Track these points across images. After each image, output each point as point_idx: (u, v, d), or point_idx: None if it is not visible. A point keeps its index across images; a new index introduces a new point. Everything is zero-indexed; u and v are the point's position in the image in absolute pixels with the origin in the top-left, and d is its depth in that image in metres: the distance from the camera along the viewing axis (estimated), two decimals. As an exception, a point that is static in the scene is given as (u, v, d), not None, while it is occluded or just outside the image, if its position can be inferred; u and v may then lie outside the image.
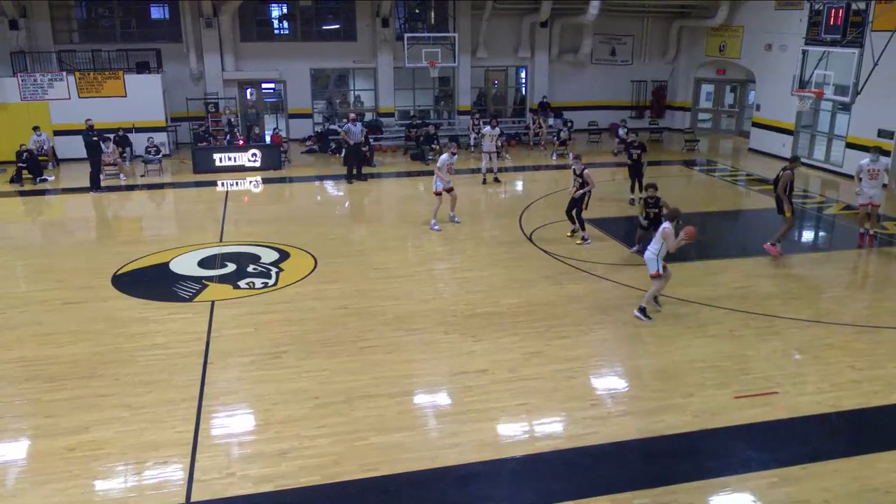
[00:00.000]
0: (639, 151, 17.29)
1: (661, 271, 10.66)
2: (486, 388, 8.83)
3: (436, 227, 15.44)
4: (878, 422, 8.26)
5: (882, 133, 19.39)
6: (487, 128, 19.66)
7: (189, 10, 23.87)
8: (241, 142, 22.28)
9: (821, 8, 16.11)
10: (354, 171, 20.27)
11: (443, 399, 8.74)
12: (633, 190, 17.58)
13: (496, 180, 19.97)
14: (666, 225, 10.63)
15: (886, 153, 14.37)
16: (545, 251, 13.98)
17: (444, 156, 15.43)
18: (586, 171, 14.17)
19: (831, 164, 21.29)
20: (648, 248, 10.88)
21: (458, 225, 15.80)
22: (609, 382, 9.17)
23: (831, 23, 15.62)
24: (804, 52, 16.95)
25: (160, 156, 21.33)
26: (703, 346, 9.98)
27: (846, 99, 16.24)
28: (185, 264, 13.31)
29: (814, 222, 16.17)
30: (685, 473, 7.24)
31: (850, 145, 20.60)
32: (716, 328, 10.56)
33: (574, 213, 14.48)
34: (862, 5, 15.60)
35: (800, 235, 15.56)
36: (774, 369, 9.33)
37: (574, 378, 9.11)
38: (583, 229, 14.50)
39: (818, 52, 16.48)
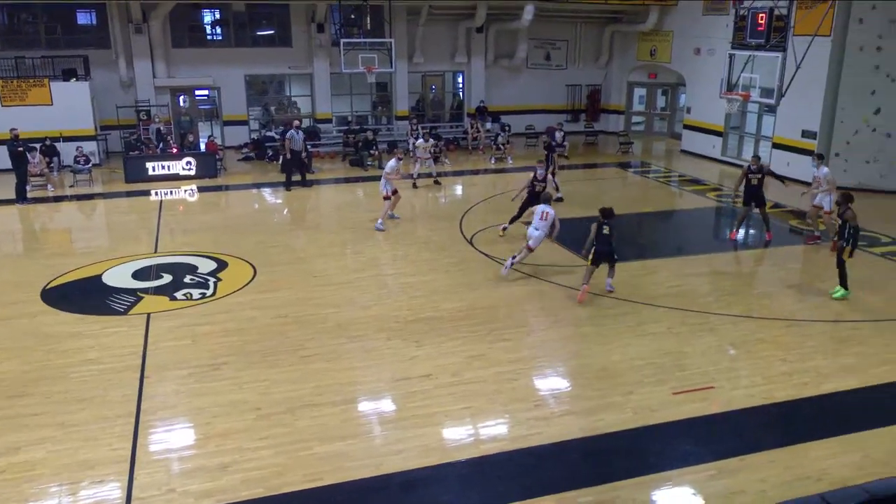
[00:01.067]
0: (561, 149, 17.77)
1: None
2: (429, 392, 8.83)
3: (380, 227, 15.63)
4: (808, 412, 8.56)
5: (805, 133, 20.17)
6: (420, 140, 19.88)
7: (118, 15, 23.24)
8: (174, 150, 21.78)
9: (745, 13, 16.65)
10: (298, 178, 20.07)
11: (386, 405, 8.70)
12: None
13: (436, 183, 20.06)
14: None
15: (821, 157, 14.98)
16: (486, 254, 14.07)
17: (392, 161, 15.88)
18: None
19: (759, 163, 21.99)
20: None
21: (399, 230, 15.79)
22: (551, 383, 9.28)
23: (757, 28, 16.14)
24: (731, 56, 17.50)
25: (90, 165, 20.69)
26: (642, 344, 10.19)
27: (771, 101, 16.83)
28: (118, 276, 12.94)
29: (745, 220, 16.64)
30: (627, 470, 7.37)
31: (776, 145, 21.38)
32: (654, 326, 10.79)
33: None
34: (784, 10, 16.20)
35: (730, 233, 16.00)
36: (710, 365, 9.59)
37: (516, 380, 9.18)
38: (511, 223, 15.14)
39: (744, 56, 17.04)
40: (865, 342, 10.29)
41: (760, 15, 16.01)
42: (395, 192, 15.98)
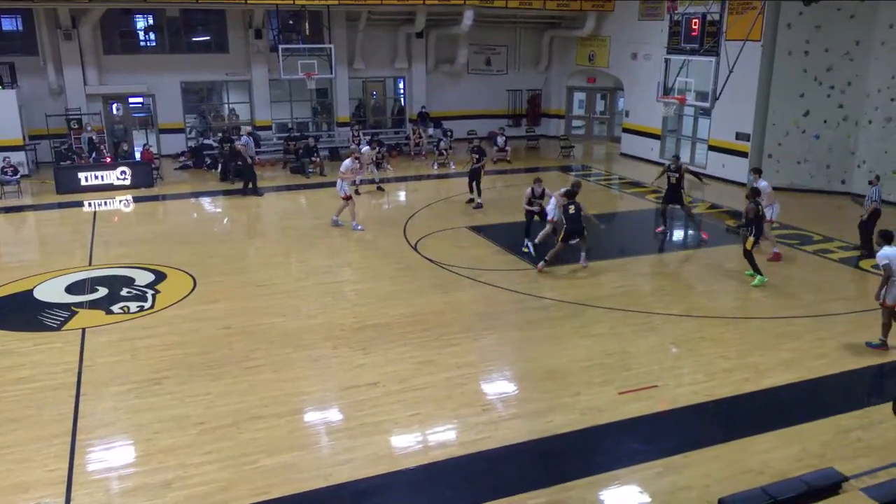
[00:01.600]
0: (477, 156, 17.97)
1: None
2: (377, 400, 8.76)
3: (357, 227, 15.89)
4: (749, 407, 8.78)
5: (739, 136, 20.76)
6: (366, 148, 19.79)
7: (45, 20, 22.45)
8: (108, 159, 21.15)
9: (679, 19, 17.05)
10: (250, 186, 19.76)
11: (334, 415, 8.59)
12: (471, 191, 18.38)
13: (379, 189, 19.99)
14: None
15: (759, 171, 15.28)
16: (431, 260, 14.05)
17: (348, 161, 16.14)
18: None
19: (696, 165, 22.48)
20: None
21: (344, 237, 15.62)
22: (499, 387, 9.31)
23: (691, 33, 16.55)
24: (666, 61, 17.90)
25: (18, 176, 19.93)
26: (587, 345, 10.31)
27: (706, 104, 17.25)
28: (51, 291, 12.49)
29: (682, 221, 17.06)
30: (577, 470, 7.43)
31: (711, 147, 21.95)
32: (598, 327, 10.94)
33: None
34: (717, 16, 16.65)
35: (670, 235, 16.36)
36: (654, 363, 9.76)
37: (465, 385, 9.18)
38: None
39: (679, 61, 17.44)
40: (801, 337, 10.63)
41: (694, 20, 16.42)
42: (349, 196, 15.98)
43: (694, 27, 16.40)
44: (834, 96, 19.27)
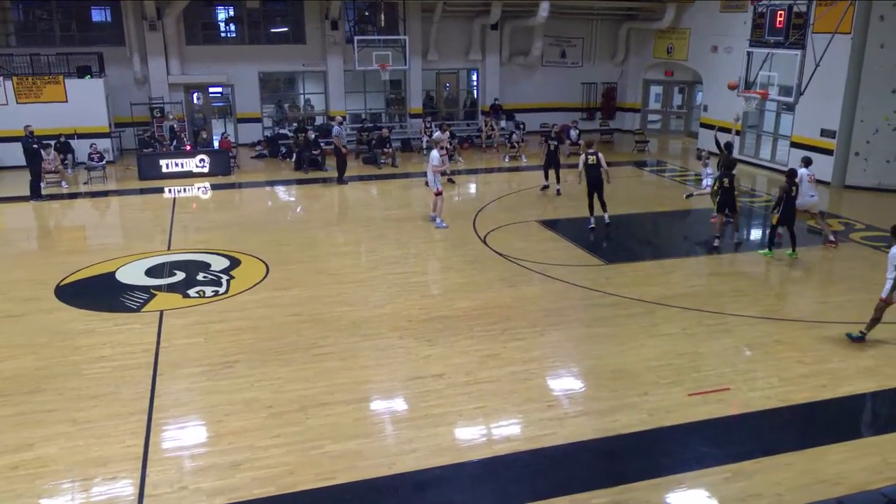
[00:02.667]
0: (555, 143, 18.10)
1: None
2: (442, 392, 8.77)
3: (441, 224, 15.70)
4: (825, 415, 8.45)
5: (825, 132, 19.94)
6: (437, 133, 19.75)
7: (132, 12, 23.31)
8: (188, 147, 21.83)
9: (764, 10, 16.47)
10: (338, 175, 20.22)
11: (399, 405, 8.64)
12: (546, 178, 18.53)
13: (450, 181, 19.96)
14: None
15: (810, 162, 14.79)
16: (499, 253, 14.00)
17: (435, 152, 15.80)
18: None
19: (777, 163, 21.79)
20: None
21: (414, 229, 15.71)
22: (565, 383, 9.20)
23: (776, 25, 15.97)
24: (749, 54, 17.31)
25: (104, 162, 20.79)
26: (657, 344, 10.09)
27: (790, 99, 16.63)
28: (131, 274, 12.96)
29: (760, 220, 16.51)
30: (641, 471, 7.29)
31: (794, 145, 21.13)
32: (668, 327, 10.69)
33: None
34: (804, 8, 16.01)
35: (748, 234, 15.85)
36: (726, 366, 9.48)
37: (530, 380, 9.11)
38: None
39: (762, 54, 16.84)
40: (884, 344, 10.14)
41: (779, 12, 15.82)
42: (441, 191, 15.75)
43: (779, 19, 15.81)
44: (928, 92, 18.29)
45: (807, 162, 14.77)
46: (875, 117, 19.01)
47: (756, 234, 16.18)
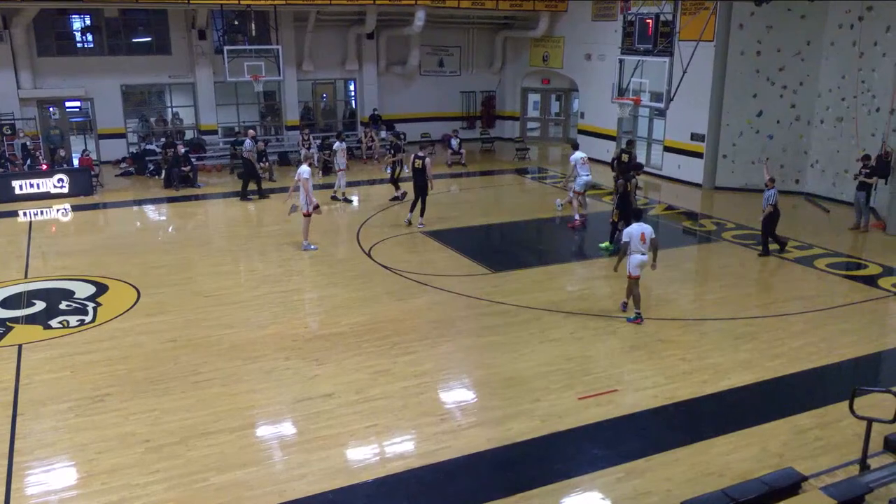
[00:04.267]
0: (393, 151, 18.54)
1: None
2: (332, 412, 8.51)
3: (310, 247, 14.83)
4: (709, 409, 8.77)
5: (695, 136, 20.93)
6: (337, 143, 19.29)
7: (-25, 22, 21.53)
8: (44, 166, 20.35)
9: (633, 19, 17.08)
10: (253, 187, 19.30)
11: (287, 429, 8.30)
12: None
13: (334, 198, 19.37)
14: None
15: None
16: (385, 267, 13.79)
17: (304, 167, 14.68)
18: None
19: (652, 167, 22.69)
20: None
21: (295, 246, 15.18)
22: (457, 395, 9.13)
23: (645, 33, 16.57)
24: (621, 62, 17.94)
25: (-52, 184, 19.04)
26: (547, 350, 10.19)
27: (661, 105, 17.34)
28: (-17, 305, 11.89)
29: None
30: (537, 478, 7.32)
31: (667, 149, 22.11)
32: (557, 332, 10.83)
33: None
34: (670, 17, 16.72)
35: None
36: (613, 368, 9.70)
37: (422, 394, 8.98)
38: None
39: (633, 61, 17.48)
40: (758, 337, 10.68)
41: (647, 21, 16.46)
42: (317, 206, 14.77)
43: (648, 27, 16.43)
44: (786, 96, 19.54)
45: (575, 146, 17.08)
46: (739, 121, 20.15)
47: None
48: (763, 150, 19.89)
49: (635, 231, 10.96)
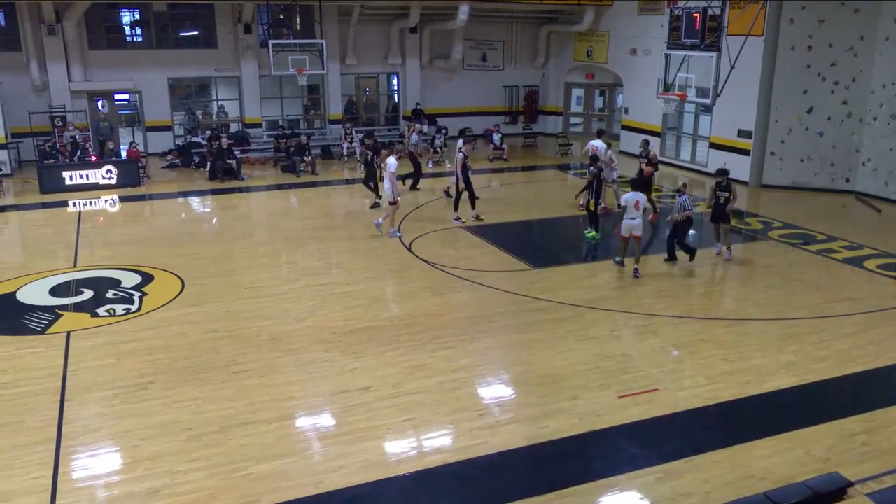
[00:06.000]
0: (370, 153, 17.96)
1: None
2: (370, 405, 8.54)
3: (398, 234, 15.21)
4: (751, 410, 8.60)
5: (742, 133, 20.53)
6: (424, 126, 19.23)
7: (28, 15, 22.08)
8: (93, 158, 20.82)
9: (680, 14, 16.78)
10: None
11: (325, 420, 8.36)
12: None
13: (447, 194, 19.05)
14: None
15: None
16: (425, 261, 13.80)
17: (392, 158, 15.26)
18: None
19: (697, 163, 22.33)
20: None
21: (334, 238, 15.33)
22: (495, 391, 9.10)
23: (692, 28, 16.26)
24: (666, 56, 17.61)
25: (0, 175, 19.58)
26: (585, 348, 10.09)
27: (707, 101, 17.02)
28: (34, 293, 12.19)
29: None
30: (574, 476, 7.26)
31: (713, 145, 21.70)
32: (596, 330, 10.72)
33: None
34: (718, 11, 16.41)
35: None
36: (654, 367, 9.56)
37: (459, 389, 8.96)
38: None
39: (680, 56, 17.17)
40: (804, 339, 10.43)
41: (694, 15, 16.15)
42: (395, 200, 15.15)
43: (695, 22, 16.12)
44: (838, 92, 19.03)
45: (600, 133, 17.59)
46: (788, 117, 19.68)
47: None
48: (813, 147, 19.42)
49: (631, 198, 12.58)
